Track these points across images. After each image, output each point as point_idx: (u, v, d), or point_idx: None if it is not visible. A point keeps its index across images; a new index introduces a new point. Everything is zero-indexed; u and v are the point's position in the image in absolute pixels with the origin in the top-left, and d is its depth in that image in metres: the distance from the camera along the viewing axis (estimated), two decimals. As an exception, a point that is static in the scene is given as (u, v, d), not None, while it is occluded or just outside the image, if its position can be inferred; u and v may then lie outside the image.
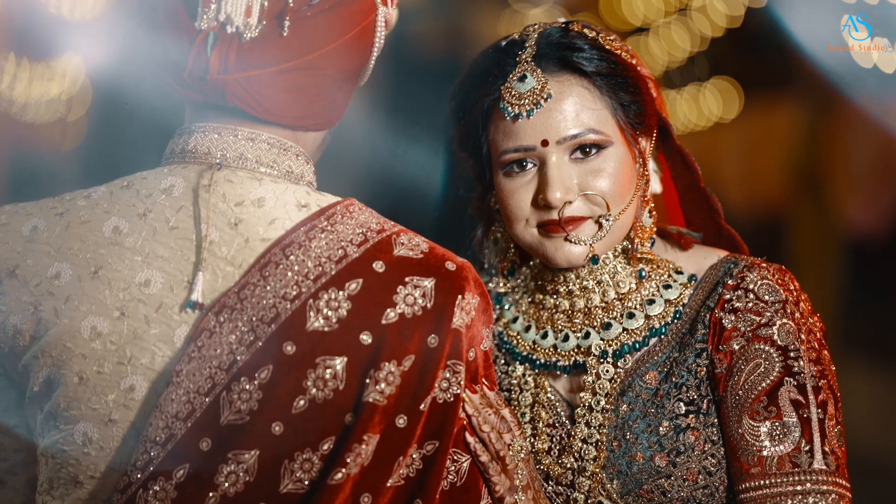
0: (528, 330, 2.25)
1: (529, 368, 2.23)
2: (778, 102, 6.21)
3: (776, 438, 2.03)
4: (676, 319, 2.16)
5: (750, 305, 2.09)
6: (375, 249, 1.81)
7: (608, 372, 2.16)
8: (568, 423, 2.19)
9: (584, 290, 2.20)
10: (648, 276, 2.19)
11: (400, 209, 2.16)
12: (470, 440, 1.87)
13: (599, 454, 2.13)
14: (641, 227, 2.18)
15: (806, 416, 2.03)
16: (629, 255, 2.19)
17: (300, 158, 1.91)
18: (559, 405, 2.20)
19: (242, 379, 1.74)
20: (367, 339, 1.76)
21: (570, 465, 2.16)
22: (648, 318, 2.17)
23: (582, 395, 2.17)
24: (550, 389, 2.22)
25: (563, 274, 2.20)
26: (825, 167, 6.09)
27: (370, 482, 1.75)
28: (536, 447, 2.19)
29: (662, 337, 2.16)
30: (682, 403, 2.11)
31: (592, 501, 2.13)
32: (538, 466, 2.18)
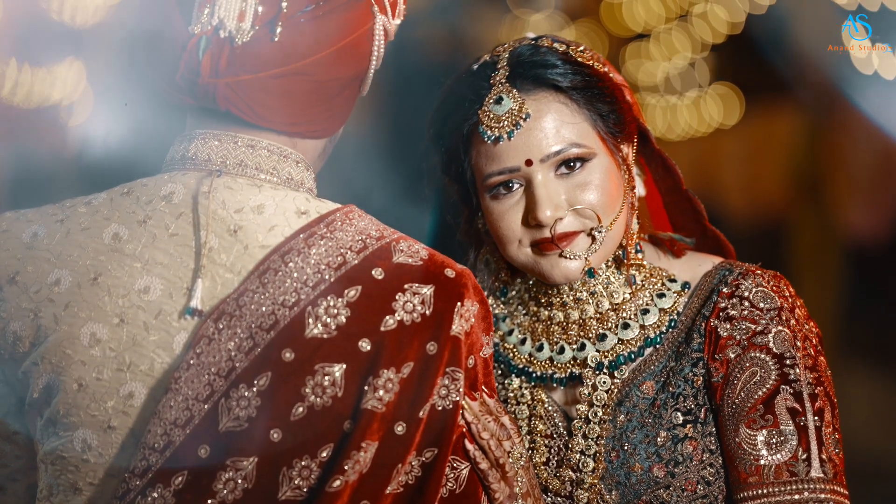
0: (523, 343, 2.24)
1: (526, 381, 2.23)
2: (779, 108, 6.21)
3: (773, 447, 2.03)
4: (672, 328, 2.16)
5: (745, 313, 2.09)
6: (375, 256, 1.81)
7: (605, 383, 2.15)
8: (566, 434, 2.18)
9: (577, 301, 2.19)
10: (642, 285, 2.19)
11: (400, 216, 2.16)
12: (469, 447, 1.87)
13: (598, 466, 2.13)
14: (631, 233, 2.19)
15: (803, 423, 2.03)
16: (621, 263, 2.19)
17: (300, 165, 1.91)
18: (556, 416, 2.20)
19: (241, 386, 1.74)
20: (365, 346, 1.76)
21: (568, 477, 2.15)
22: (643, 327, 2.16)
23: (579, 406, 2.16)
24: (548, 401, 2.21)
25: (556, 286, 2.20)
26: (826, 173, 6.09)
27: (369, 489, 1.75)
28: (535, 460, 2.18)
29: (658, 346, 2.15)
30: (679, 413, 2.10)
31: (591, 513, 2.13)
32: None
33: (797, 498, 2.01)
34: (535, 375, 2.21)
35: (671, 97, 6.45)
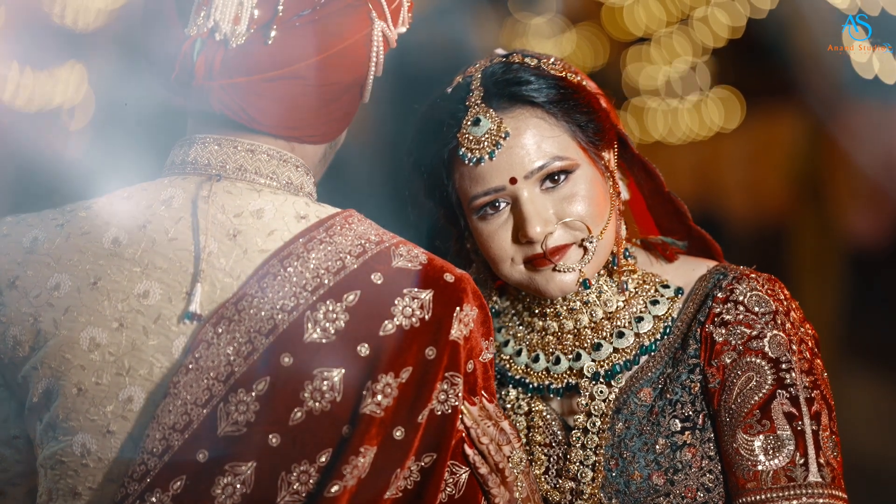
0: (519, 354, 2.24)
1: (523, 392, 2.23)
2: (780, 112, 6.21)
3: (770, 452, 2.03)
4: (666, 335, 2.15)
5: (740, 318, 2.08)
6: (374, 261, 1.81)
7: (602, 392, 2.15)
8: (564, 444, 2.18)
9: (571, 311, 2.19)
10: (635, 292, 2.19)
11: (401, 221, 2.16)
12: (469, 452, 1.87)
13: (597, 475, 2.12)
14: (621, 239, 2.18)
15: (800, 428, 2.03)
16: (612, 271, 2.19)
17: (300, 170, 1.91)
18: (555, 425, 2.20)
19: (240, 390, 1.75)
20: (364, 350, 1.76)
21: (567, 487, 2.15)
22: (638, 335, 2.15)
23: (577, 417, 2.16)
24: (545, 411, 2.21)
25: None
26: (827, 177, 6.09)
27: (368, 494, 1.75)
28: (534, 471, 2.18)
29: (654, 353, 2.15)
30: (677, 420, 2.10)
31: (591, 522, 2.13)
32: (535, 490, 2.17)
33: (795, 503, 2.01)
34: (531, 386, 2.21)
35: (672, 101, 6.45)
